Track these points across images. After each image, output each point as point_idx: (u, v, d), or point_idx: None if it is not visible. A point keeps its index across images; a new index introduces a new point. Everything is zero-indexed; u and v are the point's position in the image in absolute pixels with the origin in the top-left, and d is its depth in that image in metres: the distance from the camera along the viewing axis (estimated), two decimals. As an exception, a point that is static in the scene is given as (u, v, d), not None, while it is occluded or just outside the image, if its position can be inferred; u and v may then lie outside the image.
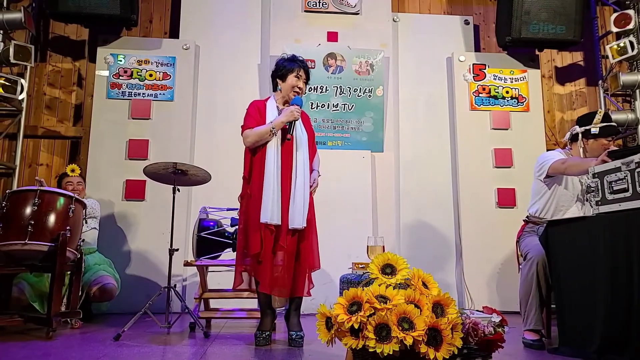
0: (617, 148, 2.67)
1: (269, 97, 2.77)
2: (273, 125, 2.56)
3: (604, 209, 2.19)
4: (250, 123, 2.62)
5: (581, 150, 2.77)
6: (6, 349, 2.34)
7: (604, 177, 2.21)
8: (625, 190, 2.09)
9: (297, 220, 2.51)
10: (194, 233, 3.13)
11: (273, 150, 2.56)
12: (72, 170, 3.66)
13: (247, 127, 2.63)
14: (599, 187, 2.23)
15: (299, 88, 2.69)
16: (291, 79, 2.68)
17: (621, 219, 2.06)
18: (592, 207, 2.64)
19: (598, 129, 2.70)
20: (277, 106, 2.70)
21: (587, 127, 2.73)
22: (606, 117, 2.73)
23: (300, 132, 2.66)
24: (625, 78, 4.36)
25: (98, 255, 3.57)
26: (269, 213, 2.47)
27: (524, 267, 2.59)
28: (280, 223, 2.50)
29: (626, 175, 2.09)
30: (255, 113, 2.66)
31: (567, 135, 2.86)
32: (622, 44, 4.30)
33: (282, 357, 2.26)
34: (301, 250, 2.57)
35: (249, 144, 2.62)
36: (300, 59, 2.75)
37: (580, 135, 2.76)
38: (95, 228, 3.63)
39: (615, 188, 2.14)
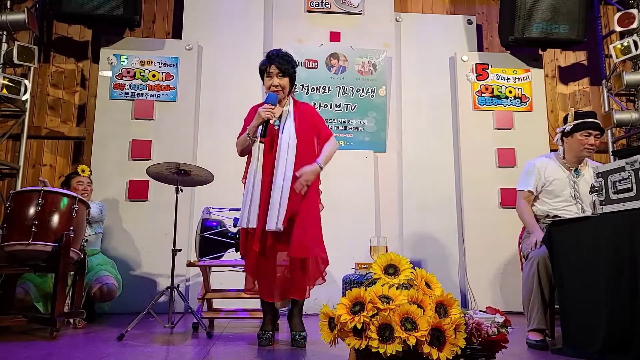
0: (593, 143, 2.73)
1: None
2: (247, 131, 2.52)
3: (608, 208, 2.18)
4: (240, 132, 2.62)
5: (561, 149, 2.86)
6: (10, 348, 2.35)
7: (608, 177, 2.20)
8: (629, 190, 2.08)
9: (272, 223, 2.40)
10: (197, 233, 3.14)
11: (256, 154, 2.51)
12: (83, 171, 3.66)
13: (237, 137, 2.63)
14: (603, 187, 2.22)
15: (275, 86, 2.55)
16: (265, 80, 2.60)
17: (625, 218, 2.05)
18: (583, 206, 2.69)
19: (572, 126, 2.76)
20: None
21: (564, 127, 2.82)
22: (578, 115, 2.80)
23: (287, 130, 2.53)
24: (629, 77, 4.33)
25: (101, 256, 3.58)
26: (245, 218, 2.44)
27: (525, 267, 2.59)
28: (255, 226, 2.43)
29: (630, 175, 2.08)
30: (248, 121, 2.62)
31: (556, 137, 2.92)
32: (625, 43, 4.29)
33: (285, 357, 2.26)
34: (289, 249, 2.46)
35: (238, 153, 2.64)
36: (272, 52, 2.59)
37: (560, 135, 2.85)
38: (100, 232, 3.64)
39: (619, 188, 2.13)
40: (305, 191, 2.48)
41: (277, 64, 2.54)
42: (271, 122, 2.53)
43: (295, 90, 4.23)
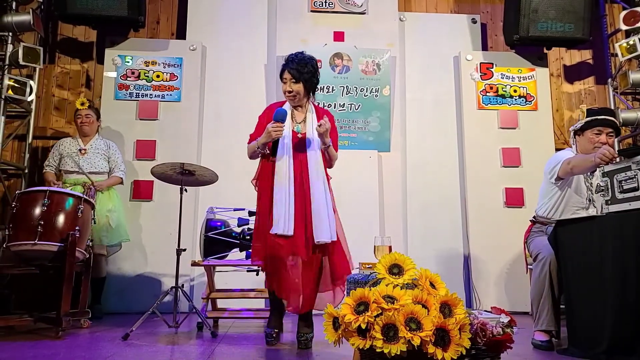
0: (605, 142, 2.61)
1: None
2: (257, 144, 2.51)
3: (614, 208, 2.17)
4: (253, 135, 2.60)
5: (574, 147, 2.78)
6: (16, 348, 2.36)
7: (614, 176, 2.18)
8: (636, 189, 2.07)
9: (324, 235, 2.43)
10: (202, 233, 3.14)
11: (285, 163, 2.48)
12: (82, 104, 3.65)
13: (250, 140, 2.61)
14: (609, 186, 2.21)
15: (289, 92, 2.55)
16: (282, 85, 2.59)
17: (631, 218, 2.03)
18: (595, 207, 2.64)
19: (582, 123, 2.68)
20: (292, 110, 2.61)
21: (575, 126, 2.75)
22: (590, 112, 2.69)
23: (315, 140, 2.53)
24: (635, 76, 4.31)
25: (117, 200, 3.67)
26: (282, 225, 2.40)
27: (535, 268, 2.55)
28: (292, 233, 2.41)
29: (636, 174, 2.07)
30: (262, 119, 2.60)
31: (570, 136, 2.86)
32: (631, 42, 4.26)
33: (290, 357, 2.26)
34: (328, 261, 2.50)
35: (248, 156, 2.63)
36: (289, 57, 2.58)
37: (572, 134, 2.78)
38: (122, 171, 3.73)
39: (625, 187, 2.12)
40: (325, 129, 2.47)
41: (290, 69, 2.54)
42: (293, 129, 2.55)
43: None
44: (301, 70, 2.53)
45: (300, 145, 2.54)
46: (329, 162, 2.65)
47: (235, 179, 3.71)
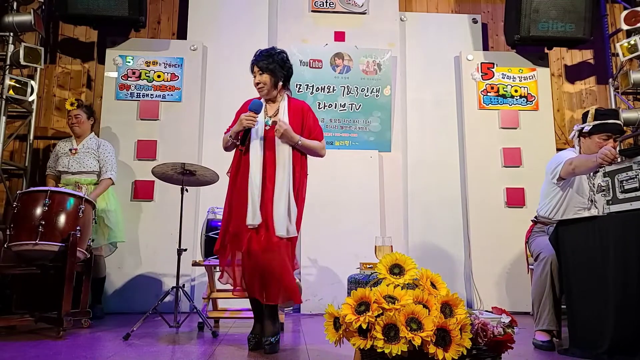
0: (612, 144, 2.57)
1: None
2: (230, 134, 2.53)
3: (615, 208, 2.17)
4: (230, 126, 2.61)
5: (578, 148, 2.75)
6: (17, 348, 2.36)
7: (615, 176, 2.18)
8: (637, 189, 2.06)
9: (282, 229, 2.36)
10: (202, 233, 3.14)
11: (257, 157, 2.47)
12: (71, 104, 3.66)
13: (226, 132, 2.61)
14: (610, 186, 2.21)
15: (257, 84, 2.56)
16: (253, 79, 2.61)
17: (632, 218, 2.03)
18: (596, 207, 2.63)
19: (590, 126, 2.64)
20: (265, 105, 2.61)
21: (582, 126, 2.70)
22: (599, 114, 2.64)
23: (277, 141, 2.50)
24: (636, 76, 4.30)
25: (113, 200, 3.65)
26: (251, 215, 2.37)
27: (536, 267, 2.55)
28: (259, 223, 2.38)
29: (637, 174, 2.07)
30: (239, 114, 2.59)
31: (572, 134, 2.82)
32: (632, 42, 4.25)
33: (290, 357, 2.26)
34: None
35: (223, 148, 2.64)
36: (257, 52, 2.59)
37: (577, 133, 2.74)
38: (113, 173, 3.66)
39: (626, 187, 2.12)
40: (280, 133, 2.43)
41: (256, 62, 2.56)
42: (264, 120, 2.54)
43: (300, 91, 4.23)
44: (266, 61, 2.54)
45: (268, 138, 2.52)
46: (313, 153, 2.57)
47: (236, 179, 3.69)
